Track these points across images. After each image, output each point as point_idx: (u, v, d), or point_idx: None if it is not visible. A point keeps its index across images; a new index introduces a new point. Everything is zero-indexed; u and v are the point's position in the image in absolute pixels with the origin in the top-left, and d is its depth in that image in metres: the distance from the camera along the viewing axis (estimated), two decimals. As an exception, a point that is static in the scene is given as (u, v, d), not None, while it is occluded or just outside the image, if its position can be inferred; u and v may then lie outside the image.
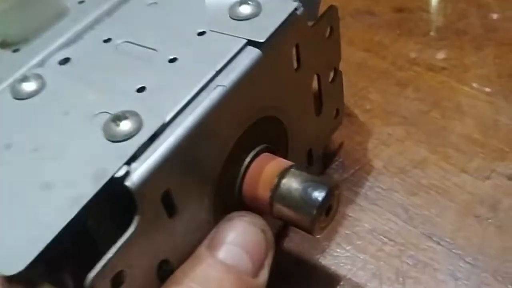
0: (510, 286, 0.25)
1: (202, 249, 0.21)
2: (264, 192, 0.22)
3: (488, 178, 0.30)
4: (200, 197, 0.21)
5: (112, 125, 0.19)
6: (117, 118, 0.19)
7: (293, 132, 0.26)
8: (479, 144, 0.31)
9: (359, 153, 0.32)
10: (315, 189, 0.22)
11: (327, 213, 0.22)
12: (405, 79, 0.36)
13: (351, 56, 0.38)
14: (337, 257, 0.28)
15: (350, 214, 0.29)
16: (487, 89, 0.34)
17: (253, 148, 0.23)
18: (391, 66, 0.37)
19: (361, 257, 0.28)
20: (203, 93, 0.20)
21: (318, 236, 0.23)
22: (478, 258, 0.27)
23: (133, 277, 0.19)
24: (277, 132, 0.25)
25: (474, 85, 0.35)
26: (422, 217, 0.29)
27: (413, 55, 0.37)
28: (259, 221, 0.22)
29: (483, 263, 0.26)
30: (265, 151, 0.24)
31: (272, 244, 0.22)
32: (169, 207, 0.19)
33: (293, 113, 0.26)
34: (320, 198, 0.21)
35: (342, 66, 0.31)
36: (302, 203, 0.22)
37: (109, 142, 0.19)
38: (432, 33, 0.39)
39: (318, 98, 0.28)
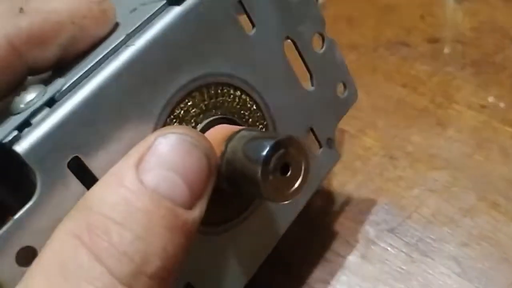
0: None
1: (127, 170, 0.18)
2: None
3: (539, 228, 0.30)
4: None
5: (16, 98, 0.19)
6: (22, 89, 0.19)
7: (270, 105, 0.24)
8: (528, 191, 0.31)
9: (406, 200, 0.32)
10: (259, 144, 0.19)
11: (283, 173, 0.20)
12: (446, 118, 0.36)
13: (389, 92, 0.38)
14: (393, 313, 0.28)
15: (402, 267, 0.29)
16: (531, 130, 0.34)
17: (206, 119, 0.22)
18: (430, 103, 0.37)
19: (418, 314, 0.28)
20: (112, 56, 0.20)
21: (281, 203, 0.22)
22: (537, 315, 0.27)
23: None
24: (246, 104, 0.24)
25: (517, 125, 0.34)
26: (476, 271, 0.28)
27: (451, 91, 0.37)
28: (203, 143, 0.19)
29: (542, 321, 0.26)
30: (224, 123, 0.22)
31: (214, 171, 0.19)
32: (85, 176, 0.18)
33: (262, 83, 0.24)
34: (264, 153, 0.19)
35: (381, 102, 0.31)
36: (246, 162, 0.19)
37: (11, 116, 0.19)
38: (468, 67, 0.38)
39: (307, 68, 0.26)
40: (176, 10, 0.21)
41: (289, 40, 0.25)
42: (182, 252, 0.17)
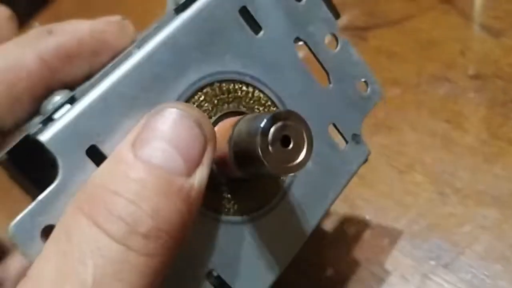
0: None
1: (124, 148, 0.20)
2: (224, 148, 0.22)
3: None
4: None
5: (45, 101, 0.23)
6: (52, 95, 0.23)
7: (285, 101, 0.26)
8: None
9: (458, 236, 0.34)
10: (258, 119, 0.21)
11: (285, 146, 0.21)
12: (491, 155, 0.37)
13: (435, 128, 0.39)
14: None
15: (459, 303, 0.31)
16: None
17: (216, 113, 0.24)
18: (475, 140, 0.38)
19: None
20: (125, 59, 0.22)
21: (282, 177, 0.25)
22: None
23: None
24: (260, 100, 0.26)
25: (560, 162, 0.36)
26: (530, 308, 0.30)
27: (494, 128, 0.39)
28: (194, 112, 0.20)
29: None
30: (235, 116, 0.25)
31: (211, 138, 0.20)
32: (102, 162, 0.21)
33: (275, 81, 0.26)
34: (262, 125, 0.20)
35: (427, 138, 0.32)
36: (248, 139, 0.21)
37: (41, 117, 0.22)
38: (509, 104, 0.40)
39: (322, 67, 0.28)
40: (181, 16, 0.24)
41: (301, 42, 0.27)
42: (179, 216, 0.19)
